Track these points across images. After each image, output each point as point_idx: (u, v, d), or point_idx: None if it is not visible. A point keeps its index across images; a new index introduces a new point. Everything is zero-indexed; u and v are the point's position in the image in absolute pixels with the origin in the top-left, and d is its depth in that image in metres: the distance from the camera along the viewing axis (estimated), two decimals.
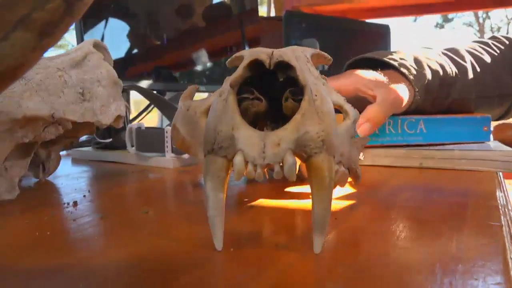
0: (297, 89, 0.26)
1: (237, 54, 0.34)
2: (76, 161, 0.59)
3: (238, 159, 0.21)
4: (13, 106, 0.32)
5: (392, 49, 1.29)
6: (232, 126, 0.23)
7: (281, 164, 0.22)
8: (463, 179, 0.44)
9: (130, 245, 0.25)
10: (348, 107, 0.30)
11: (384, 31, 1.31)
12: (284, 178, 0.23)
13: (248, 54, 0.31)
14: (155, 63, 0.89)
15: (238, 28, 1.15)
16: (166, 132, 0.52)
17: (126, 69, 0.79)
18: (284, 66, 0.26)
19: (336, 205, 0.33)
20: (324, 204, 0.22)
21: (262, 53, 0.27)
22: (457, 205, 0.33)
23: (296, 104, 0.25)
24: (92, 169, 0.53)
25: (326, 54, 0.35)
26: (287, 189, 0.39)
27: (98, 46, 0.45)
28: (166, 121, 0.74)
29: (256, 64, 0.26)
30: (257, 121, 0.27)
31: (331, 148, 0.23)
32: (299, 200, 0.35)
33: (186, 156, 0.53)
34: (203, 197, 0.37)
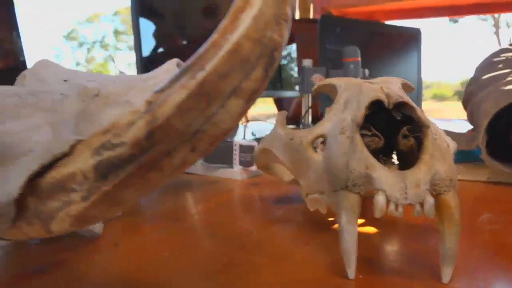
0: (413, 127, 0.27)
1: (326, 82, 0.36)
2: None
3: (380, 199, 0.23)
4: None
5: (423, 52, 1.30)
6: (365, 165, 0.25)
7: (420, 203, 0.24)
8: None
9: (261, 269, 0.27)
10: (448, 139, 0.32)
11: (416, 34, 1.31)
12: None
13: (344, 85, 0.33)
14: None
15: None
16: (235, 145, 0.54)
17: (151, 68, 0.80)
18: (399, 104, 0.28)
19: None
20: (455, 239, 0.24)
21: (376, 91, 0.29)
22: None
23: (415, 141, 0.27)
24: None
25: (410, 83, 0.36)
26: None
27: (180, 66, 0.48)
28: None
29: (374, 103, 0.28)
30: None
31: (456, 185, 0.25)
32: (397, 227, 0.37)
33: (253, 168, 0.55)
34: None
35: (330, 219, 0.38)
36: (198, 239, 0.33)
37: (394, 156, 0.33)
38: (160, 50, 0.89)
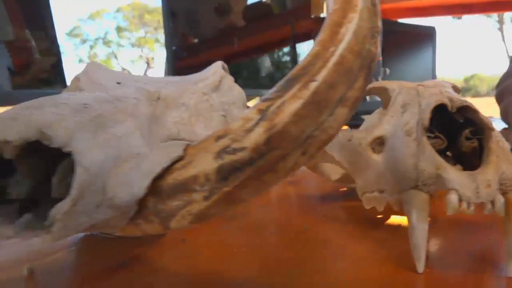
0: (475, 129, 0.29)
1: (376, 85, 0.37)
2: None
3: (453, 198, 0.25)
4: (190, 134, 0.36)
5: (437, 50, 1.32)
6: (435, 166, 0.26)
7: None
8: None
9: (328, 268, 0.29)
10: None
11: (431, 32, 1.33)
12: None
13: (397, 88, 0.35)
14: (198, 59, 0.92)
15: (283, 26, 1.18)
16: None
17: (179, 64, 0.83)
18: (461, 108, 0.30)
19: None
20: None
21: (438, 95, 0.30)
22: None
23: (477, 143, 0.28)
24: None
25: (457, 86, 0.38)
26: None
27: (224, 68, 0.49)
28: None
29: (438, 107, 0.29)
30: None
31: None
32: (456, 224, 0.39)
33: None
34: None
35: (378, 216, 0.39)
36: (259, 236, 0.35)
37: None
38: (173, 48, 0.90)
